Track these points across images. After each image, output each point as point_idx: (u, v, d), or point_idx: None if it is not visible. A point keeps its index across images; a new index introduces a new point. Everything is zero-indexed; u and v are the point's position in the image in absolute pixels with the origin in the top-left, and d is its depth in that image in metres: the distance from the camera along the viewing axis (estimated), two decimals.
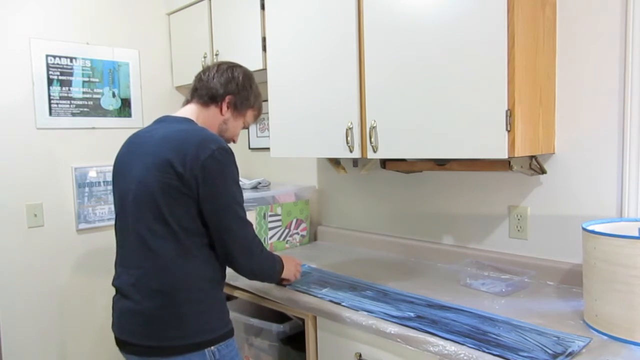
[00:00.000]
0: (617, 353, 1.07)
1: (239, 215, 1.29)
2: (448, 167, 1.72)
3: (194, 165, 1.22)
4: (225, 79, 1.43)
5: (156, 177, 1.24)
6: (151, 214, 1.25)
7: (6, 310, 2.16)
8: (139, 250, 1.27)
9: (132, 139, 1.41)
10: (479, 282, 1.57)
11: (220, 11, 2.29)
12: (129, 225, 1.30)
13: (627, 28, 1.38)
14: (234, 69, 1.46)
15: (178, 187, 1.23)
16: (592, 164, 1.49)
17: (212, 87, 1.41)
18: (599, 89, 1.45)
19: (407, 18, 1.50)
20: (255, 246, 1.33)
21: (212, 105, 1.43)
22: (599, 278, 1.16)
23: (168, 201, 1.23)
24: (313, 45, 1.80)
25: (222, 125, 1.45)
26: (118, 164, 1.40)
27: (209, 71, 1.45)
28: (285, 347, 1.77)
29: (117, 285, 1.34)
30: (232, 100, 1.43)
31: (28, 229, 2.21)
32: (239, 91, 1.44)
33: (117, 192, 1.38)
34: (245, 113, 1.49)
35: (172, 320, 1.24)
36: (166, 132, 1.30)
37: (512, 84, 1.30)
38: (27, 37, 2.18)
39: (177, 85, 2.68)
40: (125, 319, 1.29)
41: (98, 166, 2.41)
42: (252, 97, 1.48)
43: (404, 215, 2.04)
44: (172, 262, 1.24)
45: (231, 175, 1.28)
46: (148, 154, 1.28)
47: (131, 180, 1.30)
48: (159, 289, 1.24)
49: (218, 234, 1.27)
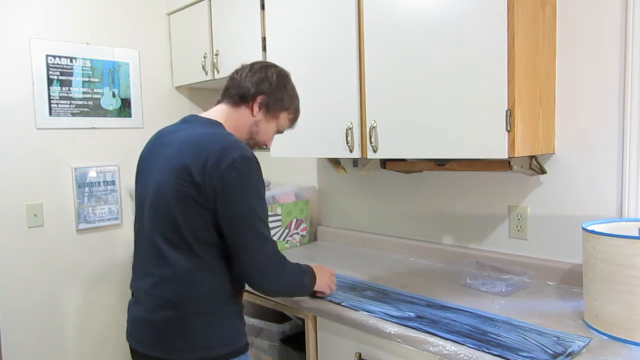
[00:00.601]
0: (617, 353, 1.07)
1: (257, 231, 1.19)
2: (448, 167, 1.72)
3: (213, 174, 1.15)
4: (258, 79, 1.34)
5: (173, 185, 1.18)
6: (166, 222, 1.20)
7: (6, 310, 2.16)
8: (153, 257, 1.23)
9: (156, 137, 1.36)
10: (479, 282, 1.57)
11: (220, 11, 2.29)
12: (144, 230, 1.27)
13: (627, 28, 1.38)
14: (268, 68, 1.37)
15: (194, 196, 1.17)
16: (592, 164, 1.49)
17: (243, 86, 1.34)
18: (599, 89, 1.45)
19: (408, 18, 1.50)
20: (273, 265, 1.22)
21: (242, 106, 1.35)
22: (599, 278, 1.16)
23: (184, 210, 1.18)
24: (313, 45, 1.80)
25: (253, 127, 1.36)
26: (141, 162, 1.36)
27: (241, 70, 1.38)
28: (285, 347, 1.77)
29: (133, 289, 1.31)
30: (264, 100, 1.34)
31: (28, 229, 2.21)
32: (272, 91, 1.34)
33: (137, 192, 1.34)
34: (278, 115, 1.38)
35: (183, 332, 1.19)
36: (189, 136, 1.24)
37: (512, 84, 1.30)
38: (27, 37, 2.18)
39: (177, 85, 2.68)
40: (136, 328, 1.26)
41: (98, 166, 2.41)
42: (287, 98, 1.38)
43: (404, 215, 2.04)
44: (185, 273, 1.19)
45: (253, 186, 1.19)
46: (168, 158, 1.23)
47: (150, 184, 1.27)
48: (170, 299, 1.19)
49: (234, 249, 1.19)
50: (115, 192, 2.48)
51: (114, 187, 2.47)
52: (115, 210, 2.48)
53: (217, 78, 2.36)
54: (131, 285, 1.32)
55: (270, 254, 1.22)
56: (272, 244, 1.23)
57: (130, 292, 1.33)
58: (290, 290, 1.35)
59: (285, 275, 1.26)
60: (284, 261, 1.26)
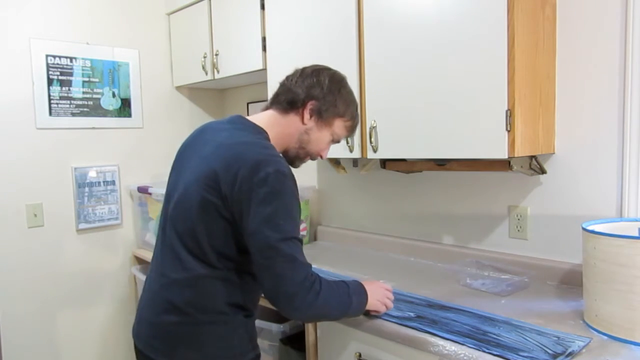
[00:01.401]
0: (617, 353, 1.07)
1: (284, 253, 1.06)
2: (448, 167, 1.72)
3: (243, 187, 1.07)
4: (309, 83, 1.24)
5: (199, 190, 1.12)
6: (186, 227, 1.15)
7: (6, 310, 2.16)
8: (169, 257, 1.18)
9: (199, 132, 1.29)
10: (479, 282, 1.57)
11: (220, 11, 2.29)
12: (166, 227, 1.22)
13: (627, 28, 1.38)
14: (320, 72, 1.27)
15: (219, 207, 1.10)
16: (592, 164, 1.49)
17: (293, 92, 1.24)
18: (599, 89, 1.45)
19: (408, 18, 1.50)
20: (304, 291, 1.08)
21: (291, 113, 1.25)
22: (599, 278, 1.16)
23: (205, 219, 1.12)
24: (313, 45, 1.80)
25: (304, 136, 1.26)
26: (179, 154, 1.30)
27: (292, 76, 1.29)
28: (285, 347, 1.77)
29: (146, 286, 1.26)
30: (315, 106, 1.23)
31: (28, 229, 2.21)
32: (324, 96, 1.24)
33: (168, 186, 1.28)
34: (332, 122, 1.27)
35: (190, 340, 1.15)
36: (227, 140, 1.16)
37: (512, 84, 1.30)
38: (27, 37, 2.18)
39: (177, 85, 2.68)
40: (142, 328, 1.22)
41: (98, 166, 2.41)
42: (341, 103, 1.26)
43: (403, 215, 2.04)
44: (199, 280, 1.14)
45: (285, 204, 1.08)
46: (202, 158, 1.17)
47: (180, 182, 1.21)
48: (178, 305, 1.15)
49: (259, 272, 1.09)
50: (115, 192, 2.48)
51: (114, 187, 2.47)
52: (115, 210, 2.48)
53: (217, 78, 2.37)
54: (145, 282, 1.28)
55: (300, 279, 1.08)
56: (302, 268, 1.09)
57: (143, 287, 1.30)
58: (330, 315, 1.17)
59: (318, 301, 1.10)
60: (317, 285, 1.11)
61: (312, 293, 1.09)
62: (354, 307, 1.21)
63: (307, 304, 1.08)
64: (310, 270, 1.11)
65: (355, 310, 1.23)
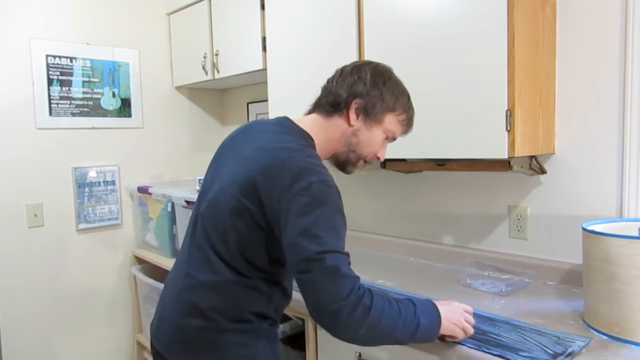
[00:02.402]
0: (617, 353, 1.07)
1: (324, 266, 0.95)
2: (448, 167, 1.72)
3: (282, 196, 0.99)
4: (350, 81, 1.14)
5: (234, 194, 1.05)
6: (217, 230, 1.09)
7: (6, 310, 2.16)
8: (197, 258, 1.12)
9: (245, 129, 1.22)
10: (479, 282, 1.57)
11: (220, 11, 2.29)
12: (196, 225, 1.15)
13: (627, 28, 1.38)
14: (361, 67, 1.16)
15: (255, 216, 1.04)
16: (592, 164, 1.49)
17: (333, 92, 1.15)
18: (599, 89, 1.45)
19: (408, 18, 1.50)
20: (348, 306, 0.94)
21: (335, 115, 1.15)
22: (599, 278, 1.15)
23: (238, 226, 1.05)
24: (313, 44, 1.80)
25: (352, 139, 1.16)
26: (219, 152, 1.24)
27: (332, 77, 1.20)
28: (285, 347, 1.77)
29: (169, 282, 1.19)
30: (360, 104, 1.13)
31: (28, 229, 2.22)
32: (368, 92, 1.13)
33: (204, 182, 1.21)
34: (382, 119, 1.15)
35: (213, 347, 1.09)
36: (269, 143, 1.08)
37: (512, 84, 1.30)
38: (27, 37, 2.18)
39: (177, 85, 2.68)
40: (164, 329, 1.15)
41: (98, 166, 2.41)
42: (389, 96, 1.14)
43: (403, 215, 2.04)
44: (226, 285, 1.08)
45: (325, 215, 0.99)
46: (241, 161, 1.09)
47: (218, 180, 1.14)
48: (202, 309, 1.08)
49: (300, 288, 0.98)
50: (115, 192, 2.48)
51: (114, 187, 2.47)
52: (115, 210, 2.48)
53: (217, 78, 2.37)
54: (168, 279, 1.22)
55: (344, 293, 0.95)
56: (346, 280, 0.96)
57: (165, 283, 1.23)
58: (390, 336, 1.00)
59: (370, 318, 0.96)
60: (367, 299, 0.97)
61: (360, 309, 0.95)
62: (422, 330, 1.03)
63: (355, 322, 0.95)
64: (357, 283, 0.97)
65: (425, 333, 1.04)
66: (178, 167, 2.75)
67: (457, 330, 1.10)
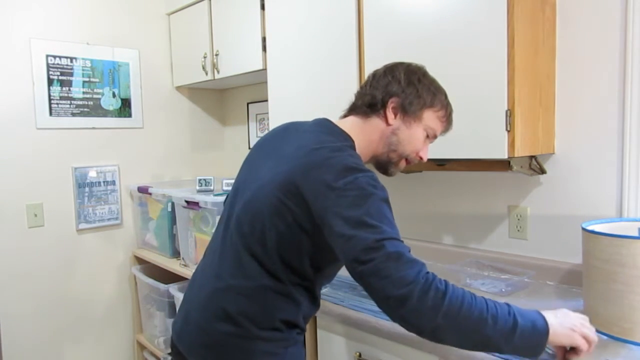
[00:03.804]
0: (617, 353, 1.07)
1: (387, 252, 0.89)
2: (448, 167, 1.72)
3: (329, 194, 0.96)
4: (385, 82, 1.15)
5: (276, 193, 1.02)
6: (254, 231, 1.06)
7: (6, 310, 2.16)
8: (230, 260, 1.09)
9: (284, 129, 1.21)
10: (478, 282, 1.57)
11: (220, 11, 2.29)
12: (230, 224, 1.13)
13: (627, 28, 1.38)
14: (394, 68, 1.17)
15: (297, 217, 1.01)
16: (592, 164, 1.49)
17: (368, 94, 1.15)
18: (599, 89, 1.45)
19: (408, 18, 1.50)
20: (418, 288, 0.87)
21: (373, 116, 1.15)
22: (599, 278, 1.15)
23: (278, 227, 1.02)
24: (313, 45, 1.80)
25: (391, 138, 1.14)
26: (255, 150, 1.22)
27: (367, 81, 1.20)
28: None
29: (197, 281, 1.16)
30: (397, 102, 1.12)
31: (28, 229, 2.22)
32: (403, 90, 1.12)
33: (238, 179, 1.19)
34: (421, 116, 1.14)
35: (239, 353, 1.06)
36: (312, 143, 1.06)
37: (512, 84, 1.30)
38: (27, 37, 2.18)
39: (177, 85, 2.68)
40: (188, 330, 1.12)
41: (98, 166, 2.41)
42: (425, 92, 1.13)
43: (403, 215, 2.04)
44: (259, 291, 1.05)
45: (377, 206, 0.95)
46: (282, 159, 1.07)
47: (255, 179, 1.11)
48: (231, 313, 1.06)
49: (363, 283, 0.92)
50: (115, 192, 2.48)
51: (114, 187, 2.47)
52: (115, 210, 2.48)
53: (217, 78, 2.37)
54: (196, 275, 1.19)
55: (412, 276, 0.88)
56: (412, 264, 0.90)
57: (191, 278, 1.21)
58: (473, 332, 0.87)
59: (445, 305, 0.87)
60: (440, 284, 0.89)
61: (432, 292, 0.87)
62: (522, 332, 0.88)
63: (429, 308, 0.86)
64: (424, 268, 0.91)
65: (527, 337, 0.88)
66: (178, 167, 2.75)
67: (578, 338, 0.93)
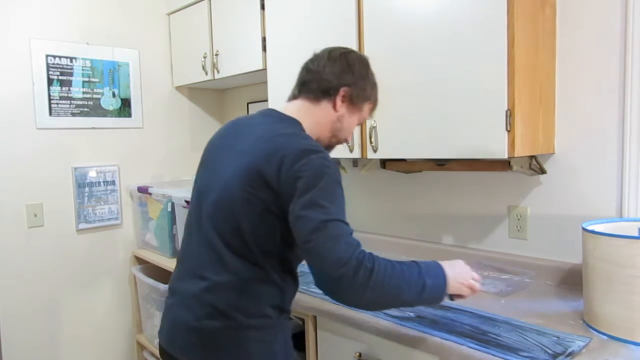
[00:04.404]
0: (617, 353, 1.07)
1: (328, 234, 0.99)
2: (448, 167, 1.72)
3: (289, 177, 1.04)
4: (340, 68, 1.20)
5: (242, 186, 1.08)
6: (229, 225, 1.10)
7: (6, 310, 2.16)
8: (209, 259, 1.12)
9: (231, 126, 1.25)
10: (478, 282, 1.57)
11: (220, 11, 2.29)
12: (202, 226, 1.16)
13: (627, 28, 1.38)
14: (348, 55, 1.23)
15: (266, 202, 1.06)
16: (592, 164, 1.49)
17: (325, 79, 1.20)
18: (599, 89, 1.45)
19: (407, 18, 1.50)
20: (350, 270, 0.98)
21: (324, 101, 1.21)
22: (599, 278, 1.16)
23: (251, 216, 1.07)
24: (313, 45, 1.79)
25: (336, 124, 1.23)
26: (208, 151, 1.26)
27: (318, 60, 1.24)
28: None
29: (176, 289, 1.19)
30: (347, 92, 1.20)
31: (28, 229, 2.22)
32: (356, 81, 1.21)
33: (199, 182, 1.23)
34: (362, 107, 1.25)
35: (232, 345, 1.10)
36: (265, 133, 1.13)
37: (512, 84, 1.30)
38: (27, 37, 2.18)
39: (177, 85, 2.68)
40: (179, 333, 1.15)
41: (98, 166, 2.41)
42: (369, 87, 1.25)
43: (403, 215, 2.04)
44: (244, 282, 1.09)
45: (328, 188, 1.04)
46: (240, 153, 1.13)
47: (217, 178, 1.15)
48: (222, 308, 1.09)
49: (306, 258, 1.03)
50: (115, 192, 2.48)
51: (114, 187, 2.47)
52: (115, 210, 2.48)
53: (217, 78, 2.37)
54: (172, 284, 1.21)
55: (345, 258, 0.98)
56: (347, 246, 1.00)
57: (168, 290, 1.23)
58: (395, 299, 1.03)
59: (372, 282, 0.99)
60: (369, 262, 1.00)
61: (362, 272, 0.98)
62: (428, 291, 1.04)
63: (358, 286, 0.98)
64: (359, 249, 1.01)
65: (431, 295, 1.06)
66: (178, 167, 2.75)
67: (464, 289, 1.11)
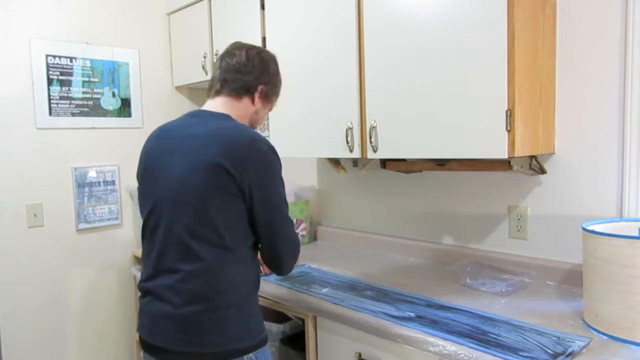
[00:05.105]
0: (617, 353, 1.07)
1: (286, 215, 1.27)
2: (448, 167, 1.72)
3: (246, 166, 1.18)
4: (259, 69, 1.35)
5: (205, 179, 1.17)
6: (194, 216, 1.18)
7: (6, 310, 2.16)
8: (177, 253, 1.20)
9: (162, 132, 1.33)
10: (479, 282, 1.57)
11: (220, 11, 2.29)
12: (163, 226, 1.23)
13: (627, 28, 1.38)
14: (262, 54, 1.38)
15: (229, 188, 1.17)
16: (592, 164, 1.49)
17: (246, 80, 1.34)
18: (599, 89, 1.45)
19: (408, 18, 1.50)
20: (298, 245, 1.33)
21: (244, 97, 1.35)
22: (599, 278, 1.16)
23: (218, 204, 1.18)
24: (313, 45, 1.80)
25: (254, 116, 1.39)
26: (148, 160, 1.33)
27: (236, 57, 1.35)
28: (285, 347, 1.77)
29: (150, 287, 1.25)
30: (264, 90, 1.37)
31: (28, 229, 2.21)
32: (270, 79, 1.38)
33: (148, 190, 1.30)
34: (272, 101, 1.44)
35: (213, 325, 1.18)
36: (210, 130, 1.23)
37: (512, 84, 1.30)
38: (27, 37, 2.18)
39: (177, 85, 2.68)
40: (161, 324, 1.21)
41: (98, 166, 2.41)
42: (279, 84, 1.45)
43: (403, 215, 2.04)
44: (217, 266, 1.19)
45: (279, 175, 1.26)
46: (191, 153, 1.21)
47: (169, 179, 1.23)
48: (201, 293, 1.18)
49: (269, 237, 1.25)
50: (115, 192, 2.48)
51: (114, 187, 2.47)
52: (115, 210, 2.48)
53: None
54: (144, 285, 1.27)
55: (296, 235, 1.32)
56: (293, 224, 1.33)
57: (140, 292, 1.29)
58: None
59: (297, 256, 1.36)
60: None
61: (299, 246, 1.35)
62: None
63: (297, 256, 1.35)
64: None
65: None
66: None
67: None
